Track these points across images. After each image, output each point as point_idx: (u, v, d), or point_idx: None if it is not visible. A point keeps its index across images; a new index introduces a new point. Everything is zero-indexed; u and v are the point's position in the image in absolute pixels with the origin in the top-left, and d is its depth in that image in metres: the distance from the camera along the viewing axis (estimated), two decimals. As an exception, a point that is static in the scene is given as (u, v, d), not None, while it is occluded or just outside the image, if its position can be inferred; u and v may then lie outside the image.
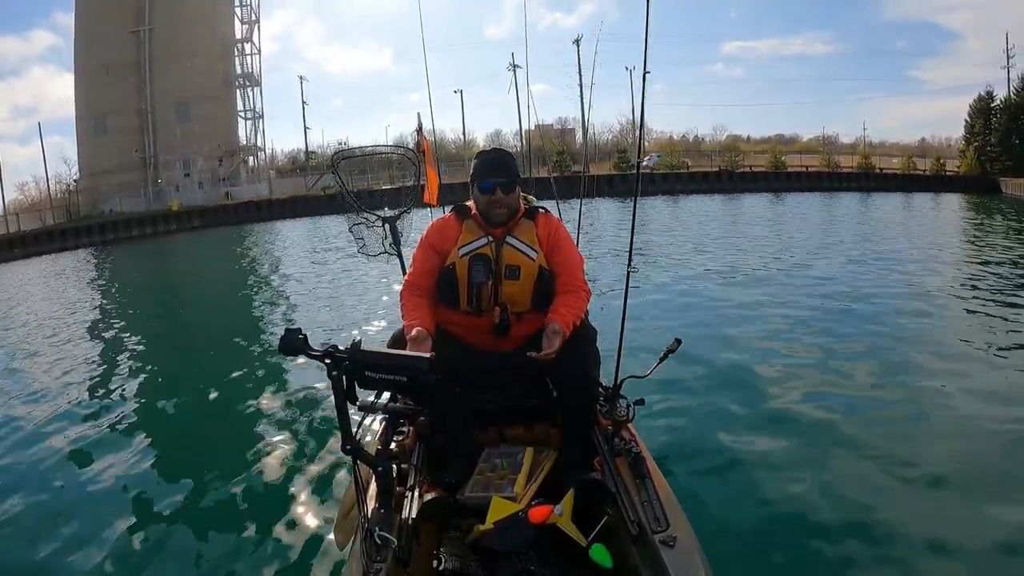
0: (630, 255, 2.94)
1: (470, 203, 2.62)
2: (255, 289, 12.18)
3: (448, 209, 2.73)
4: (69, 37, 47.04)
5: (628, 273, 2.93)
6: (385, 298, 8.69)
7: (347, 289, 10.46)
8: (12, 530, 3.41)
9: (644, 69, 2.78)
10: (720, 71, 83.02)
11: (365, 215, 3.89)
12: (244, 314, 9.46)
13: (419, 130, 4.60)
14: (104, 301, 12.58)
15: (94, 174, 44.74)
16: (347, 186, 4.01)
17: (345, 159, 4.30)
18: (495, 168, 2.51)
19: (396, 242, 3.71)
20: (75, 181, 46.05)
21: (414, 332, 2.37)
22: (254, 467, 3.94)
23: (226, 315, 9.54)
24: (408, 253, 2.88)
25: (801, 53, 79.51)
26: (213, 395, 5.46)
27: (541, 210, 2.64)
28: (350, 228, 3.93)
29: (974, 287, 8.12)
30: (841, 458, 3.53)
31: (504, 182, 2.49)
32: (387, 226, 3.76)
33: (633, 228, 2.93)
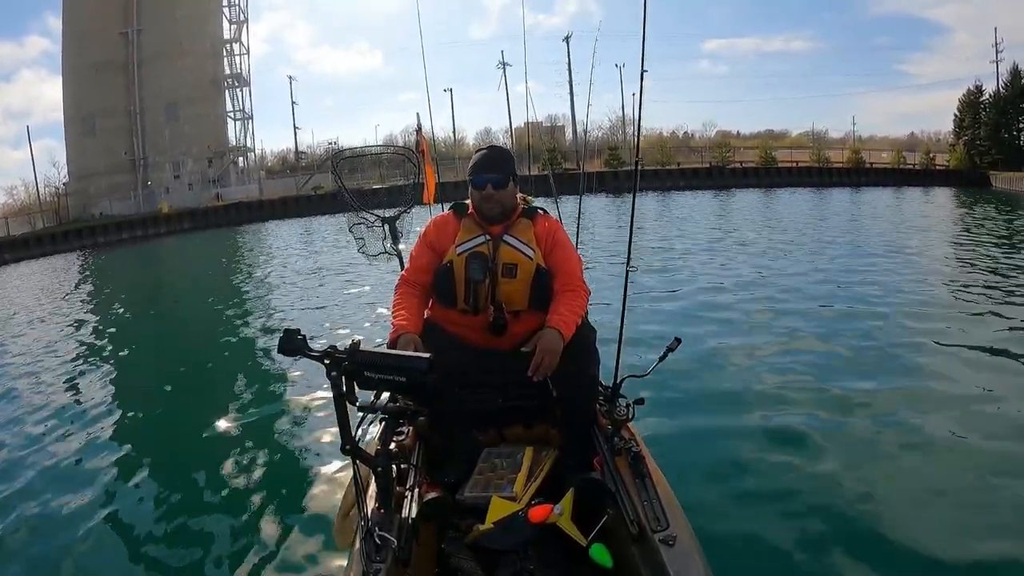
0: (629, 254, 2.93)
1: (469, 201, 2.63)
2: (251, 290, 12.12)
3: (448, 207, 2.74)
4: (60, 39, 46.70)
5: (627, 272, 2.92)
6: (384, 298, 8.61)
7: (346, 289, 10.43)
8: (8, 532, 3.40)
9: (641, 67, 2.75)
10: (706, 68, 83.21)
11: (364, 215, 3.87)
12: (241, 315, 9.41)
13: (418, 130, 4.61)
14: (96, 305, 12.50)
15: (83, 176, 44.42)
16: (346, 186, 4.00)
17: (344, 160, 4.27)
18: (488, 165, 2.53)
19: (396, 242, 3.70)
20: (64, 184, 45.69)
21: (401, 339, 2.36)
22: (253, 468, 3.94)
23: (222, 316, 9.48)
24: (408, 252, 2.88)
25: (786, 49, 79.74)
26: (211, 396, 5.44)
27: (540, 211, 2.65)
28: (350, 228, 3.91)
29: (972, 286, 8.18)
30: (841, 459, 3.54)
31: (495, 179, 2.50)
32: (387, 226, 3.75)
33: (632, 228, 2.93)
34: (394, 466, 2.02)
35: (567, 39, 46.80)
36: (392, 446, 2.22)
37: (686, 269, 10.09)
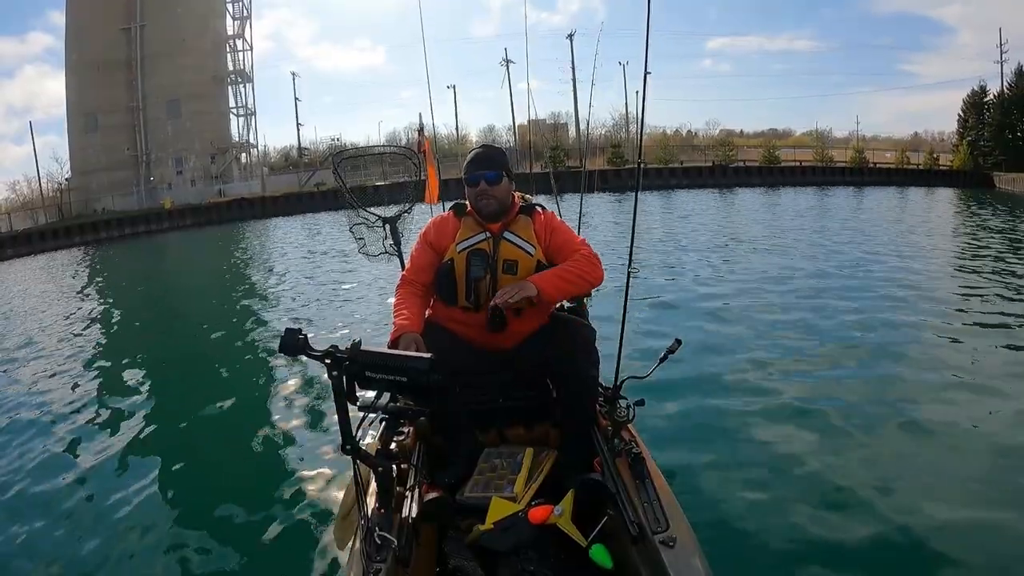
0: (630, 255, 2.93)
1: (467, 201, 2.63)
2: (252, 288, 12.11)
3: (448, 206, 2.76)
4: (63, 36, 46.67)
5: (628, 274, 2.92)
6: (385, 298, 8.62)
7: (347, 289, 10.41)
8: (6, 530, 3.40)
9: (645, 69, 2.76)
10: (709, 66, 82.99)
11: (365, 214, 3.87)
12: (241, 314, 9.41)
13: (420, 130, 4.62)
14: (97, 302, 12.50)
15: (85, 172, 44.43)
16: (347, 186, 4.00)
17: (346, 159, 4.27)
18: (479, 163, 2.57)
19: (396, 242, 3.69)
20: (66, 180, 45.70)
21: (402, 339, 2.39)
22: (253, 467, 3.95)
23: (223, 315, 9.48)
24: (408, 253, 2.89)
25: (789, 48, 79.29)
26: (211, 396, 5.43)
27: (538, 207, 2.65)
28: (351, 228, 3.91)
29: (971, 287, 8.17)
30: (841, 460, 3.54)
31: (488, 175, 2.53)
32: (387, 226, 3.74)
33: (634, 229, 2.93)
34: (394, 466, 2.02)
35: (571, 36, 46.88)
36: (392, 446, 2.22)
37: (688, 269, 10.06)
